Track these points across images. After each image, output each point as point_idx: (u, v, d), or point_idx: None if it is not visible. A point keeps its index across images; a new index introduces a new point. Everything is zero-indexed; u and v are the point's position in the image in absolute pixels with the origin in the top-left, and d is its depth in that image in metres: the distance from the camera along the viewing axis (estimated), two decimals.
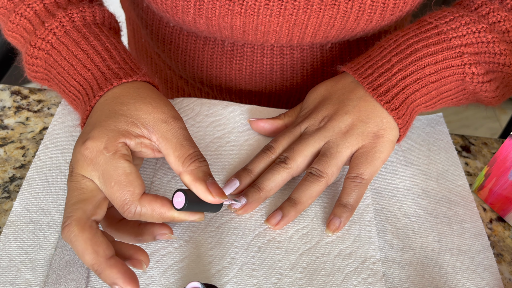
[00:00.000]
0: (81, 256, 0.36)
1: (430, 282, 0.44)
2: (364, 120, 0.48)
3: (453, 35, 0.49)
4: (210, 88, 0.68)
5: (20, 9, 0.49)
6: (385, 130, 0.48)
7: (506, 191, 0.50)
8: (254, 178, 0.48)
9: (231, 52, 0.61)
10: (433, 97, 0.51)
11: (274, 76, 0.63)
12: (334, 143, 0.47)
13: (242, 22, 0.53)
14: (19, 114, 0.55)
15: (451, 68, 0.49)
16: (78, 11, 0.49)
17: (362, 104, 0.49)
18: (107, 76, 0.45)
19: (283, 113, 0.54)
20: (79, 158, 0.40)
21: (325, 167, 0.46)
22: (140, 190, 0.39)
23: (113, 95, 0.44)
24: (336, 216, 0.46)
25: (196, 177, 0.40)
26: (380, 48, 0.51)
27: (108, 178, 0.39)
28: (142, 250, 0.40)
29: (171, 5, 0.53)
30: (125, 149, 0.40)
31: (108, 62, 0.46)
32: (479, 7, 0.51)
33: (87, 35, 0.48)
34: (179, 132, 0.42)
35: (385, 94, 0.48)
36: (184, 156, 0.41)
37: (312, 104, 0.52)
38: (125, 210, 0.39)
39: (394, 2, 0.52)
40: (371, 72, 0.50)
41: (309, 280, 0.43)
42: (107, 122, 0.41)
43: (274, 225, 0.45)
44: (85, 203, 0.38)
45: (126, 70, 0.46)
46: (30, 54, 0.49)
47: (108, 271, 0.36)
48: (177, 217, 0.41)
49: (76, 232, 0.36)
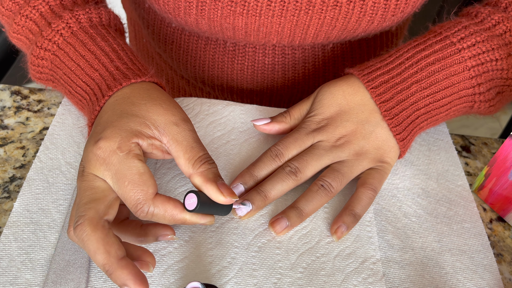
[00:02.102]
0: (93, 255, 0.36)
1: (430, 282, 0.44)
2: (377, 147, 0.49)
3: (473, 64, 0.49)
4: (212, 88, 0.68)
5: (26, 11, 0.50)
6: (391, 159, 0.50)
7: (506, 191, 0.50)
8: (258, 182, 0.48)
9: (232, 51, 0.61)
10: (437, 121, 0.52)
11: (276, 75, 0.63)
12: (349, 163, 0.48)
13: (244, 23, 0.53)
14: (19, 114, 0.55)
15: (463, 97, 0.50)
16: (84, 13, 0.49)
17: (379, 131, 0.49)
18: (115, 76, 0.45)
19: (287, 113, 0.51)
20: (91, 158, 0.40)
21: (338, 184, 0.47)
22: (153, 190, 0.39)
23: (123, 95, 0.44)
24: (344, 224, 0.46)
25: (207, 178, 0.41)
26: (401, 66, 0.50)
27: (122, 178, 0.39)
28: (149, 252, 0.40)
29: (173, 6, 0.53)
30: (138, 149, 0.40)
31: (116, 62, 0.46)
32: (496, 24, 0.50)
33: (94, 36, 0.48)
34: (189, 134, 0.42)
35: (399, 125, 0.49)
36: (194, 158, 0.41)
37: (327, 111, 0.50)
38: (138, 210, 0.39)
39: (395, 3, 0.52)
40: (390, 97, 0.49)
41: (309, 280, 0.43)
42: (120, 122, 0.41)
43: (278, 232, 0.45)
44: (97, 202, 0.38)
45: (134, 70, 0.46)
46: (36, 55, 0.49)
47: (119, 272, 0.36)
48: (189, 220, 0.41)
49: (88, 231, 0.36)
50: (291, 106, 0.68)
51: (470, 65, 0.49)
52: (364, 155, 0.49)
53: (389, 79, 0.49)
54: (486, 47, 0.49)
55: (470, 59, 0.49)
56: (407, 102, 0.49)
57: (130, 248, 0.40)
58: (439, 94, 0.49)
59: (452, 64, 0.49)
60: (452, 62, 0.49)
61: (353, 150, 0.48)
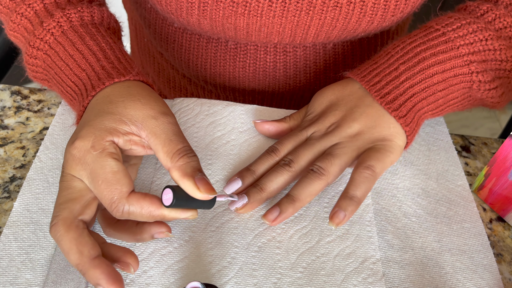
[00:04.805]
0: (66, 255, 0.36)
1: (430, 282, 0.44)
2: (371, 126, 0.48)
3: (461, 43, 0.49)
4: (213, 87, 0.68)
5: (21, 8, 0.50)
6: (392, 135, 0.48)
7: (506, 191, 0.50)
8: (256, 178, 0.48)
9: (234, 50, 0.61)
10: (440, 105, 0.51)
11: (277, 74, 0.63)
12: (341, 145, 0.47)
13: (245, 23, 0.53)
14: (19, 114, 0.55)
15: (459, 76, 0.49)
16: (76, 11, 0.49)
17: (370, 111, 0.49)
18: (100, 76, 0.45)
19: (288, 116, 0.53)
20: (68, 158, 0.40)
21: (328, 165, 0.46)
22: (128, 189, 0.39)
23: (103, 95, 0.44)
24: (341, 209, 0.43)
25: (184, 173, 0.39)
26: (387, 55, 0.51)
27: (96, 177, 0.39)
28: (131, 253, 0.39)
29: (176, 7, 0.53)
30: (113, 148, 0.40)
31: (102, 62, 0.46)
32: (484, 13, 0.51)
33: (83, 35, 0.48)
34: (168, 127, 0.41)
35: (392, 102, 0.48)
36: (172, 151, 0.40)
37: (319, 108, 0.51)
38: (113, 209, 0.38)
39: (395, 4, 0.52)
40: (378, 80, 0.50)
41: (309, 280, 0.43)
42: (95, 121, 0.41)
43: (271, 221, 0.45)
44: (72, 202, 0.38)
45: (120, 69, 0.46)
46: (30, 54, 0.49)
47: (92, 272, 0.36)
48: (168, 215, 0.40)
49: (62, 231, 0.37)
50: (292, 105, 0.69)
51: (458, 44, 0.49)
52: (358, 136, 0.48)
53: (376, 67, 0.51)
54: (472, 28, 0.49)
55: (457, 38, 0.49)
56: (397, 81, 0.49)
57: (111, 249, 0.39)
58: (429, 71, 0.49)
59: (438, 44, 0.49)
60: (439, 42, 0.49)
61: (345, 133, 0.48)
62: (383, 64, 0.51)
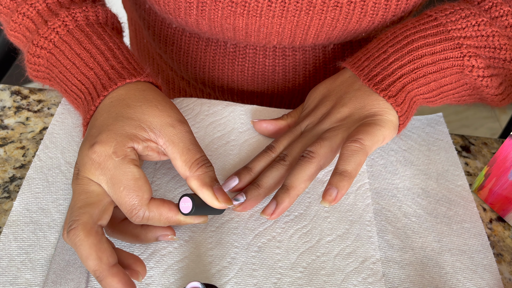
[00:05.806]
0: (85, 261, 0.36)
1: (430, 282, 0.44)
2: (360, 107, 0.48)
3: (452, 27, 0.49)
4: (212, 89, 0.68)
5: (23, 8, 0.49)
6: (382, 110, 0.47)
7: (506, 191, 0.50)
8: (254, 177, 0.48)
9: (233, 53, 0.61)
10: (432, 89, 0.50)
11: (276, 77, 0.63)
12: (331, 129, 0.47)
13: (244, 24, 0.53)
14: (19, 114, 0.55)
15: (450, 59, 0.49)
16: (81, 11, 0.49)
17: (358, 94, 0.49)
18: (110, 75, 0.45)
19: (285, 114, 0.54)
20: (87, 162, 0.40)
21: (317, 147, 0.45)
22: (148, 195, 0.40)
23: (118, 97, 0.44)
24: (333, 185, 0.41)
25: (203, 183, 0.41)
26: (378, 40, 0.52)
27: (117, 183, 0.39)
28: (140, 261, 0.40)
29: (174, 7, 0.53)
30: (134, 154, 0.40)
31: (111, 61, 0.46)
32: (482, 1, 0.51)
33: (90, 35, 0.48)
34: (186, 136, 0.42)
35: (381, 82, 0.48)
36: (191, 161, 0.41)
37: (312, 103, 0.52)
38: (133, 215, 0.39)
39: (396, 4, 0.52)
40: (367, 64, 0.50)
41: (309, 279, 0.43)
42: (115, 126, 0.41)
43: (269, 215, 0.44)
44: (92, 207, 0.38)
45: (130, 70, 0.46)
46: (33, 53, 0.49)
47: (109, 279, 0.36)
48: (183, 221, 0.41)
49: (82, 236, 0.36)
50: (291, 108, 0.69)
51: (449, 28, 0.49)
52: (348, 118, 0.48)
53: (367, 52, 0.51)
54: (465, 13, 0.49)
55: (449, 23, 0.49)
56: (385, 62, 0.49)
57: (121, 255, 0.39)
58: (417, 52, 0.49)
59: (429, 28, 0.49)
60: (430, 27, 0.49)
61: (335, 118, 0.48)
62: (372, 49, 0.51)
